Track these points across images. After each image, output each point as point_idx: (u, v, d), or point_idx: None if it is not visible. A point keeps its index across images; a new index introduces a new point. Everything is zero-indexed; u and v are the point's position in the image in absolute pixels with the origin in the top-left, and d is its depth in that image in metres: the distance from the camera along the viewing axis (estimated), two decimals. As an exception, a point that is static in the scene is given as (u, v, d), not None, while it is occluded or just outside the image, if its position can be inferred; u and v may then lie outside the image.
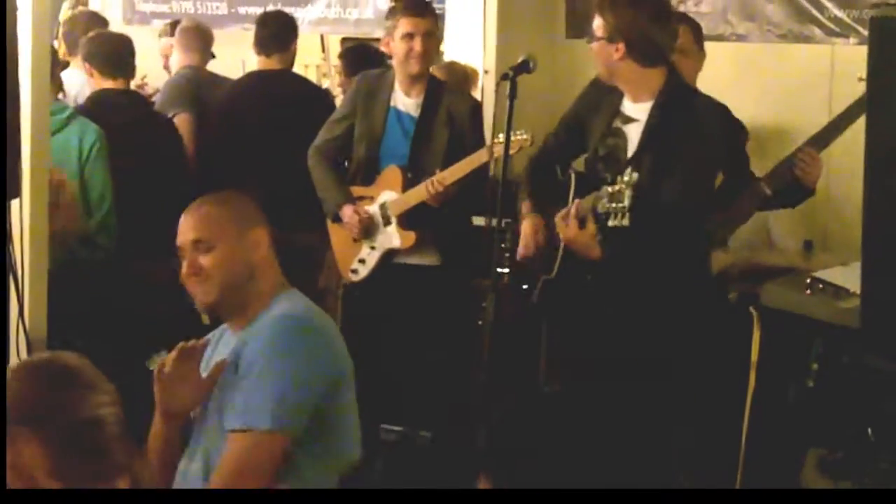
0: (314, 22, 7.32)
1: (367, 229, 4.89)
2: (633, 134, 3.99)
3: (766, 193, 4.34)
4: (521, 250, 4.24)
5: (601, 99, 4.11)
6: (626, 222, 3.63)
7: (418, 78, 4.84)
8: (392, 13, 4.91)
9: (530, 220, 4.23)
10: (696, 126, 3.91)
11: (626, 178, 3.63)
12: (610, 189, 3.67)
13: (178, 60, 6.13)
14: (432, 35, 4.86)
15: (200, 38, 6.21)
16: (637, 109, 4.01)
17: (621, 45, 3.92)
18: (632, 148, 3.97)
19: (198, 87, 5.94)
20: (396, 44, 4.79)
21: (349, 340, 5.23)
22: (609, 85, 4.07)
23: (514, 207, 4.34)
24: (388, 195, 4.85)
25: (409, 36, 4.75)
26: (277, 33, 5.65)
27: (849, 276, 4.18)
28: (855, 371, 3.82)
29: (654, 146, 3.91)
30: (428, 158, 4.80)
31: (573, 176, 4.12)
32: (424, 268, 4.89)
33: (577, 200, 3.89)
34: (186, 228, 3.09)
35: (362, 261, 4.95)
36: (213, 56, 6.35)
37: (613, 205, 3.64)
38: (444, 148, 4.79)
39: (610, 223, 3.67)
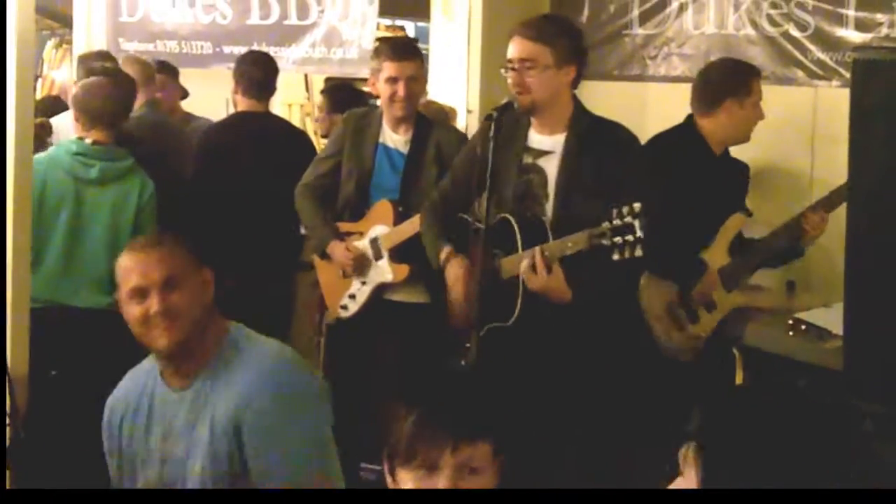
0: (298, 62, 7.32)
1: (360, 265, 4.86)
2: (551, 167, 3.89)
3: (779, 246, 4.54)
4: (454, 296, 4.01)
5: (503, 138, 3.86)
6: (639, 253, 3.41)
7: (403, 120, 4.83)
8: (376, 54, 4.88)
9: (458, 260, 4.03)
10: (617, 152, 3.83)
11: (626, 209, 3.41)
12: (609, 224, 3.46)
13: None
14: (416, 78, 4.81)
15: (140, 73, 5.84)
16: (549, 142, 3.92)
17: (573, 69, 3.89)
18: (552, 181, 3.87)
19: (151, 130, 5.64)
20: (381, 86, 4.77)
21: (332, 379, 5.20)
22: (507, 123, 3.88)
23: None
24: (379, 229, 4.81)
25: (393, 80, 4.72)
26: (268, 77, 5.62)
27: (831, 318, 4.19)
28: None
29: (577, 176, 3.82)
30: (418, 193, 4.74)
31: (513, 221, 3.85)
32: (412, 305, 4.81)
33: (539, 248, 3.69)
34: (150, 268, 2.86)
35: (353, 296, 4.90)
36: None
37: (619, 238, 3.42)
38: (434, 182, 4.77)
39: (615, 257, 3.45)
